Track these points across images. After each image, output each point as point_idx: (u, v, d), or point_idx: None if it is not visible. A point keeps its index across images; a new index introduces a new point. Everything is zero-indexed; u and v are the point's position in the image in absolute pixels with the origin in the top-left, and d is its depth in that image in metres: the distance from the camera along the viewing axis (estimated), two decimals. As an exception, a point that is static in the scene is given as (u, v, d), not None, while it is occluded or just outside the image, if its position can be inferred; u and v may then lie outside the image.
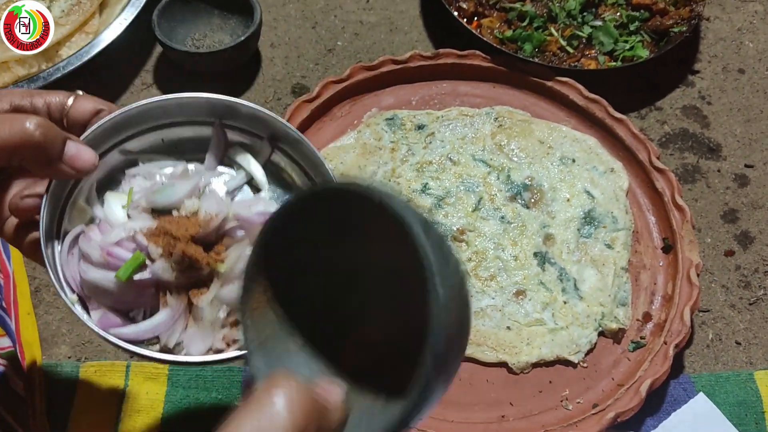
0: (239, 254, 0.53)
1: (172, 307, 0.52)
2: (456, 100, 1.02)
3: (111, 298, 0.53)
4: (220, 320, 0.54)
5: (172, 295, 0.52)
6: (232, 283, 0.53)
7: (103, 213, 0.57)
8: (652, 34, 1.07)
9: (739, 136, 1.05)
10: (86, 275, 0.53)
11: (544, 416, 0.80)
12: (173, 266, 0.52)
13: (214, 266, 0.52)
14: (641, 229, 0.92)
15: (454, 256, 0.38)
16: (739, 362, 0.87)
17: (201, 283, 0.53)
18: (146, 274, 0.52)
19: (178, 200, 0.55)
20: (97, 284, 0.52)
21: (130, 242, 0.53)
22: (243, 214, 0.55)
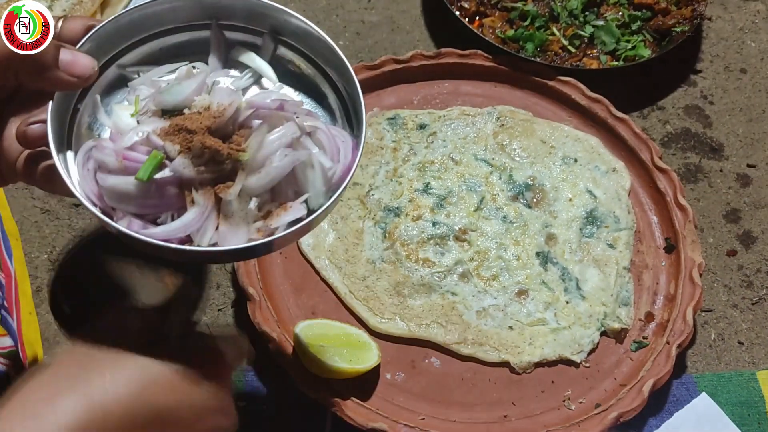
0: (260, 141, 0.51)
1: (199, 204, 0.50)
2: (458, 100, 1.02)
3: (134, 204, 0.50)
4: (252, 212, 0.52)
5: (197, 192, 0.50)
6: (258, 173, 0.51)
7: (112, 123, 0.54)
8: (654, 33, 1.07)
9: (742, 135, 1.04)
10: (105, 183, 0.50)
11: (546, 416, 0.80)
12: (193, 161, 0.49)
13: (236, 156, 0.50)
14: (643, 229, 0.92)
15: None
16: (742, 362, 0.86)
17: (226, 178, 0.51)
18: (167, 172, 0.49)
19: (187, 98, 0.53)
20: (118, 190, 0.50)
21: (144, 145, 0.51)
22: (257, 101, 0.53)
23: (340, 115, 0.59)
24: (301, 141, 0.53)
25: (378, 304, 0.85)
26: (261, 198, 0.52)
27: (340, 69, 0.57)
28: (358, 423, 0.75)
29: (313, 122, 0.55)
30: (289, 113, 0.53)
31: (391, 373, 0.82)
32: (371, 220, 0.90)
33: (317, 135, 0.54)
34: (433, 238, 0.88)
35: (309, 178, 0.53)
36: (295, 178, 0.53)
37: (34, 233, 0.91)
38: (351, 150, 0.55)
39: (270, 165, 0.51)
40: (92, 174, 0.51)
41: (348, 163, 0.54)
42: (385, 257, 0.87)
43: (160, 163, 0.49)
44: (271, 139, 0.51)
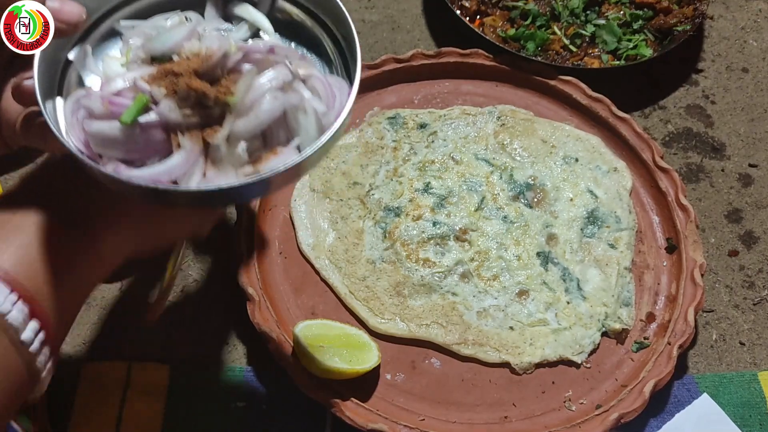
0: (249, 84, 0.49)
1: (186, 148, 0.49)
2: (458, 99, 1.01)
3: (120, 149, 0.49)
4: (241, 158, 0.50)
5: (184, 136, 0.49)
6: (246, 116, 0.49)
7: (102, 72, 0.53)
8: (656, 32, 1.07)
9: (743, 135, 1.04)
10: (91, 128, 0.49)
11: (547, 417, 0.79)
12: (179, 104, 0.48)
13: (223, 99, 0.49)
14: (645, 229, 0.92)
15: None
16: (743, 363, 0.86)
17: (214, 123, 0.49)
18: (152, 115, 0.48)
19: (177, 43, 0.51)
20: (103, 134, 0.49)
21: (131, 91, 0.50)
22: (247, 46, 0.52)
23: (339, 65, 0.58)
24: (293, 86, 0.52)
25: (378, 305, 0.84)
26: (251, 144, 0.51)
27: (334, 12, 0.57)
28: (357, 424, 0.75)
29: (308, 67, 0.53)
30: (280, 57, 0.52)
31: (391, 374, 0.81)
32: (371, 220, 0.90)
33: (312, 81, 0.53)
34: (433, 238, 0.88)
35: (302, 123, 0.51)
36: (287, 123, 0.51)
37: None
38: (347, 94, 0.53)
39: (259, 108, 0.49)
40: (80, 123, 0.51)
41: (342, 106, 0.53)
42: (386, 257, 0.87)
43: (145, 106, 0.48)
44: (261, 82, 0.50)
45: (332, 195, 0.91)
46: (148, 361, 0.82)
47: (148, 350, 0.83)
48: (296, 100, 0.51)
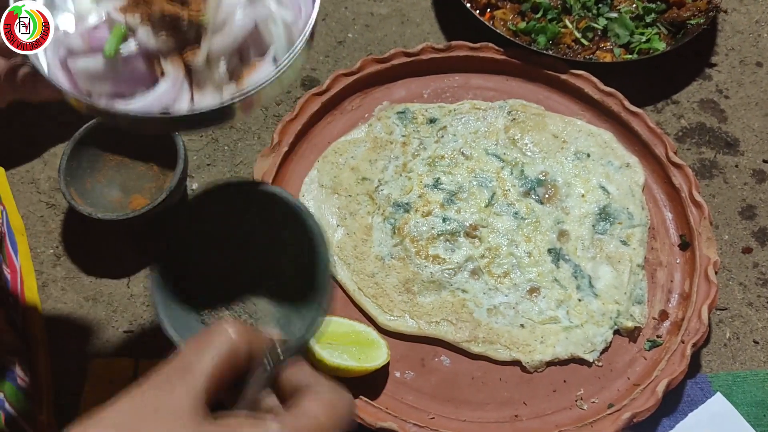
0: (218, 1, 0.51)
1: (170, 73, 0.51)
2: (468, 93, 1.00)
3: (108, 83, 0.51)
4: (223, 76, 0.52)
5: (166, 61, 0.51)
6: (221, 33, 0.51)
7: (73, 8, 0.54)
8: (669, 26, 1.05)
9: (758, 130, 1.02)
10: (76, 66, 0.51)
11: (558, 416, 0.78)
12: (156, 30, 0.50)
13: (196, 18, 0.50)
14: (658, 226, 0.91)
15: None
16: (757, 361, 0.85)
17: (191, 44, 0.51)
18: (131, 45, 0.50)
19: None
20: (89, 71, 0.51)
21: (106, 25, 0.51)
22: None
23: None
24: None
25: (387, 302, 0.83)
26: (230, 62, 0.52)
27: None
28: (366, 422, 0.74)
29: None
30: None
31: (401, 372, 0.80)
32: (380, 216, 0.89)
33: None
34: (443, 234, 0.87)
35: (274, 33, 0.53)
36: (260, 36, 0.53)
37: (40, 228, 0.90)
38: (311, 3, 0.55)
39: (232, 23, 0.51)
40: (63, 63, 0.52)
41: (309, 13, 0.55)
42: (395, 254, 0.86)
43: (124, 36, 0.50)
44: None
45: (341, 191, 0.91)
46: (155, 358, 0.81)
47: (155, 347, 0.82)
48: (264, 12, 0.53)
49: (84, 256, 0.89)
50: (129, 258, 0.89)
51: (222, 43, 0.51)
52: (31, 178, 0.94)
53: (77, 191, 0.86)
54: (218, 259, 0.60)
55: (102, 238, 0.89)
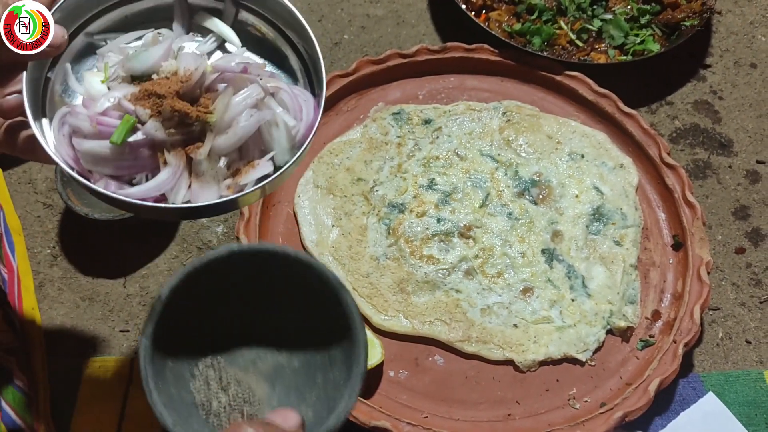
0: (227, 103, 0.54)
1: (172, 164, 0.53)
2: (463, 95, 1.01)
3: (110, 166, 0.53)
4: (221, 171, 0.55)
5: (169, 153, 0.53)
6: (225, 133, 0.54)
7: (84, 90, 0.57)
8: (663, 27, 1.06)
9: (751, 131, 1.03)
10: (81, 147, 0.53)
11: (550, 415, 0.79)
12: (164, 124, 0.53)
13: (204, 118, 0.53)
14: (651, 226, 0.91)
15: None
16: (750, 361, 0.85)
17: (195, 139, 0.54)
18: (139, 135, 0.53)
19: (154, 63, 0.55)
20: (94, 153, 0.53)
21: (116, 110, 0.53)
22: (222, 65, 0.56)
23: (302, 76, 0.62)
24: (265, 101, 0.56)
25: (382, 301, 0.84)
26: (229, 157, 0.55)
27: (299, 30, 0.60)
28: (360, 421, 0.74)
29: (276, 83, 0.58)
30: (252, 75, 0.56)
31: (395, 371, 0.81)
32: (375, 217, 0.89)
33: (280, 95, 0.57)
34: (437, 235, 0.87)
35: (274, 136, 0.56)
36: (261, 137, 0.56)
37: (37, 228, 0.91)
38: (313, 108, 0.58)
39: (237, 125, 0.54)
40: (67, 139, 0.54)
41: (311, 120, 0.58)
42: (389, 254, 0.87)
43: (133, 126, 0.52)
44: (237, 101, 0.54)
45: (336, 191, 0.91)
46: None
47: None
48: (269, 116, 0.55)
49: (80, 256, 0.89)
50: (125, 258, 0.89)
51: (225, 142, 0.54)
52: (29, 178, 0.95)
53: (74, 192, 0.86)
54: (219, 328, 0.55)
55: (98, 238, 0.90)
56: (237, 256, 0.50)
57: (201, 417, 0.50)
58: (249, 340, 0.55)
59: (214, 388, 0.52)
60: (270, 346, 0.55)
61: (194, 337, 0.52)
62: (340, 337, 0.51)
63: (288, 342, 0.55)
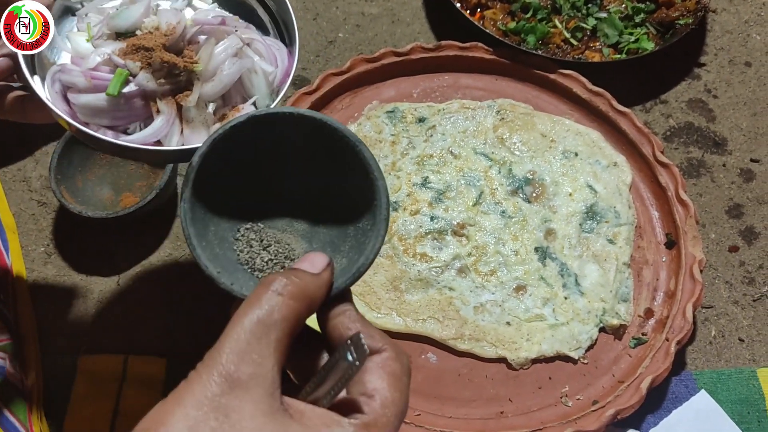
0: (209, 53, 0.58)
1: (164, 112, 0.57)
2: (458, 93, 1.01)
3: (107, 117, 0.57)
4: (210, 117, 0.59)
5: (161, 102, 0.57)
6: (211, 81, 0.58)
7: (72, 49, 0.60)
8: (658, 26, 1.06)
9: (745, 130, 1.03)
10: (78, 101, 0.56)
11: (543, 412, 0.79)
12: (154, 75, 0.56)
13: (191, 67, 0.57)
14: (644, 224, 0.91)
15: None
16: (742, 359, 0.86)
17: (183, 88, 0.58)
18: (132, 86, 0.56)
19: (137, 20, 0.59)
20: (92, 106, 0.56)
21: (107, 65, 0.57)
22: (200, 18, 0.60)
23: (271, 27, 0.67)
24: (243, 51, 0.60)
25: (375, 299, 0.84)
26: (216, 103, 0.59)
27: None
28: (353, 418, 0.75)
29: (250, 34, 0.62)
30: (230, 27, 0.60)
31: (388, 369, 0.81)
32: (369, 215, 0.89)
33: (255, 45, 0.62)
34: (431, 233, 0.87)
35: (254, 82, 0.60)
36: (242, 84, 0.60)
37: (32, 226, 0.91)
38: (287, 56, 0.63)
39: (221, 73, 0.58)
40: (61, 95, 0.57)
41: (286, 67, 0.63)
42: (383, 252, 0.87)
43: (126, 78, 0.56)
44: (219, 51, 0.58)
45: (330, 189, 0.91)
46: (144, 354, 0.82)
47: (144, 343, 0.83)
48: (249, 63, 0.59)
49: (74, 254, 0.90)
50: (119, 256, 0.89)
51: (212, 89, 0.58)
52: (23, 176, 0.95)
53: (68, 189, 0.86)
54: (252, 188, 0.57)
55: (92, 236, 0.90)
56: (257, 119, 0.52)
57: (246, 271, 0.53)
58: (283, 207, 0.58)
59: (256, 248, 0.55)
60: (302, 210, 0.58)
61: (231, 205, 0.55)
62: (362, 188, 0.53)
63: (318, 203, 0.57)
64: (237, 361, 0.39)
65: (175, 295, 0.87)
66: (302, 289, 0.43)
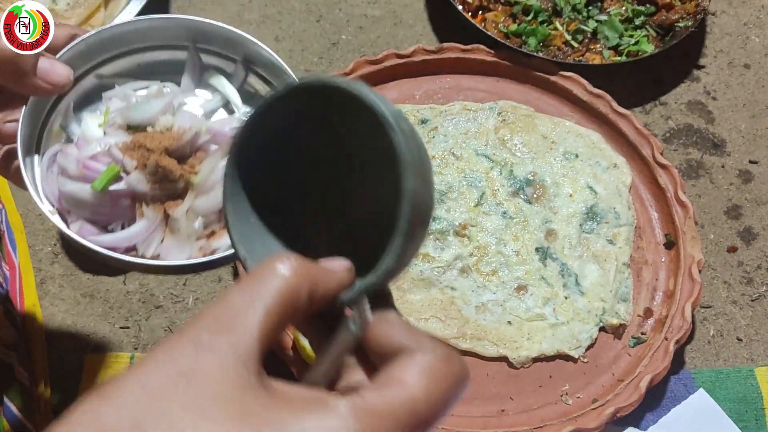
0: (213, 166, 0.54)
1: (148, 217, 0.54)
2: (459, 95, 1.02)
3: (89, 210, 0.54)
4: (196, 231, 0.55)
5: (148, 206, 0.54)
6: (206, 195, 0.54)
7: (80, 131, 0.58)
8: (658, 28, 1.07)
9: (744, 131, 1.04)
10: (64, 188, 0.54)
11: (543, 411, 0.80)
12: (148, 177, 0.53)
13: (187, 178, 0.54)
14: (643, 225, 0.92)
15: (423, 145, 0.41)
16: (740, 358, 0.87)
17: (176, 196, 0.55)
18: (121, 185, 0.54)
19: (152, 116, 0.56)
20: (75, 196, 0.54)
21: (105, 156, 0.54)
22: (216, 128, 0.57)
23: None
24: None
25: (377, 299, 0.85)
26: (207, 218, 0.55)
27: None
28: (356, 416, 0.75)
29: None
30: None
31: (390, 367, 0.82)
32: (372, 215, 0.90)
33: None
34: (433, 233, 0.88)
35: None
36: None
37: (38, 226, 0.92)
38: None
39: (219, 189, 0.51)
40: (55, 176, 0.55)
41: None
42: (385, 252, 0.88)
43: (117, 175, 0.53)
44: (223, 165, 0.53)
45: (333, 190, 0.92)
46: (150, 353, 0.83)
47: (151, 342, 0.84)
48: None
49: (81, 254, 0.90)
50: (125, 255, 0.90)
51: (205, 204, 0.54)
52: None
53: (74, 190, 0.87)
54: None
55: (99, 236, 0.91)
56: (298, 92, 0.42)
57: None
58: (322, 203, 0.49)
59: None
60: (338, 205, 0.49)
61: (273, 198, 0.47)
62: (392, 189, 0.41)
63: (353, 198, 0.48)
64: (214, 327, 0.33)
65: (181, 294, 0.88)
66: (307, 268, 0.36)
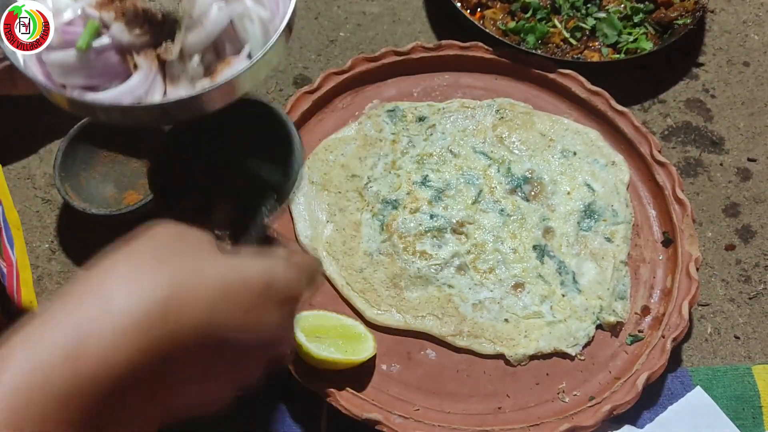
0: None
1: (142, 66, 0.51)
2: (458, 92, 1.02)
3: (80, 75, 0.52)
4: (196, 71, 0.53)
5: (139, 55, 0.51)
6: (196, 29, 0.52)
7: (51, 4, 0.54)
8: (657, 26, 1.07)
9: (743, 129, 1.04)
10: (49, 58, 0.52)
11: (540, 408, 0.80)
12: (130, 25, 0.51)
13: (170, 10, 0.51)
14: (641, 223, 0.92)
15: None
16: (738, 356, 0.87)
17: (165, 39, 0.52)
18: (105, 39, 0.51)
19: None
20: (62, 64, 0.52)
21: (81, 19, 0.52)
22: None
23: None
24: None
25: (375, 296, 0.85)
26: (205, 57, 0.53)
27: None
28: (352, 413, 0.76)
29: None
30: None
31: (387, 365, 0.82)
32: (369, 213, 0.90)
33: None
34: (430, 231, 0.88)
35: (249, 31, 0.53)
36: (236, 33, 0.54)
37: (36, 223, 0.92)
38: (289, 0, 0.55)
39: (206, 20, 0.52)
40: (38, 56, 0.53)
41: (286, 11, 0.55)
42: (383, 249, 0.88)
43: (97, 30, 0.51)
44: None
45: (330, 187, 0.92)
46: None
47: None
48: (240, 8, 0.53)
49: (78, 251, 0.91)
50: (123, 252, 0.90)
51: (196, 38, 0.52)
52: (28, 174, 0.96)
53: (72, 187, 0.87)
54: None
55: (96, 233, 0.91)
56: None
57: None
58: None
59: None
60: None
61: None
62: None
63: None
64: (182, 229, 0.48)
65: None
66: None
